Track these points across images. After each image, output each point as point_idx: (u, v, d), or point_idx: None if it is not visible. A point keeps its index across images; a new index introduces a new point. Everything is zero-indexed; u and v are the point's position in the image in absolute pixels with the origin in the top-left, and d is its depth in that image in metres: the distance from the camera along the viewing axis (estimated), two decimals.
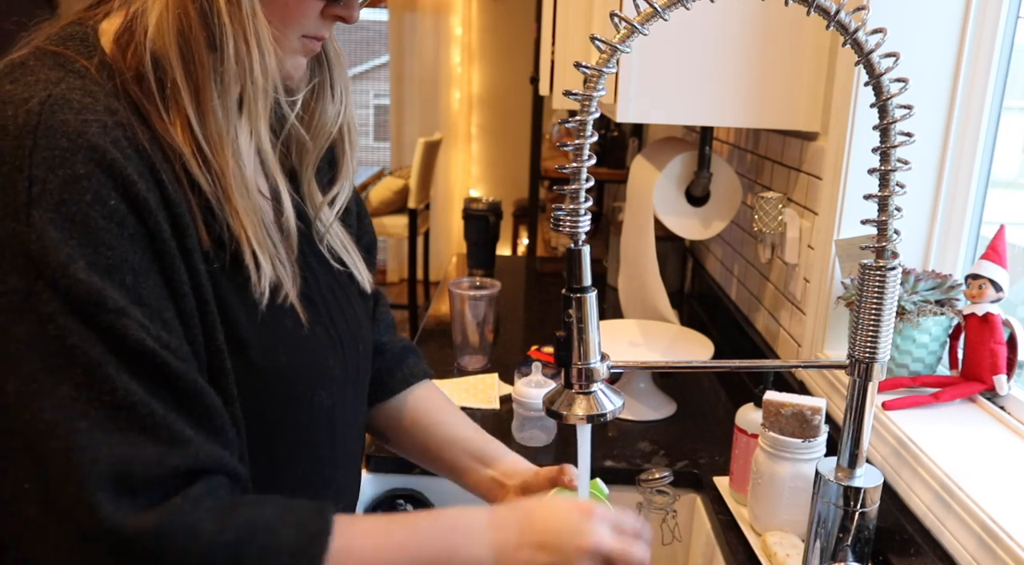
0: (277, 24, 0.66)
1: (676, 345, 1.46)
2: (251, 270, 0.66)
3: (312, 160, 0.79)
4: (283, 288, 0.69)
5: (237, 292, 0.66)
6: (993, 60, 1.04)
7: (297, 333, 0.70)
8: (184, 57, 0.62)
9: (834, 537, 0.80)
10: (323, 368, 0.73)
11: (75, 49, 0.63)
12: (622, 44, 0.63)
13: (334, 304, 0.78)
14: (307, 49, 0.70)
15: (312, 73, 0.77)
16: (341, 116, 0.79)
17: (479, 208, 2.18)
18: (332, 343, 0.75)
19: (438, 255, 5.35)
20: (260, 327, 0.67)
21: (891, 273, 0.72)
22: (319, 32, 0.70)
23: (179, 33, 0.62)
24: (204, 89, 0.63)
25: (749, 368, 0.86)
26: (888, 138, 0.68)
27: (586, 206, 0.66)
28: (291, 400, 0.71)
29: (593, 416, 0.72)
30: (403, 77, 5.28)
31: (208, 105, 0.63)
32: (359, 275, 0.83)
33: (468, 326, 1.58)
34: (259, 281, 0.67)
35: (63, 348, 0.54)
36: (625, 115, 1.25)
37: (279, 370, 0.69)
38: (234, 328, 0.66)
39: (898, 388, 1.04)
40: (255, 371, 0.67)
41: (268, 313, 0.68)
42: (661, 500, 1.03)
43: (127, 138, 0.59)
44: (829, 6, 0.64)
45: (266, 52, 0.64)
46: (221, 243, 0.65)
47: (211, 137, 0.64)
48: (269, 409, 0.69)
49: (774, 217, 1.34)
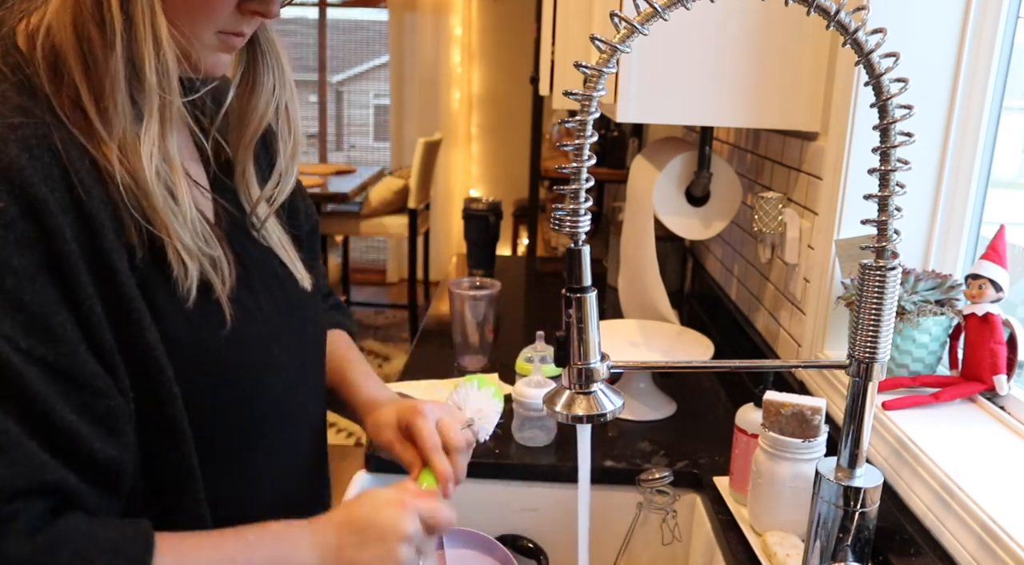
0: (186, 20, 0.64)
1: (676, 345, 1.46)
2: (176, 266, 0.66)
3: (241, 152, 0.78)
4: (213, 286, 0.69)
5: (166, 290, 0.66)
6: (993, 60, 1.04)
7: (233, 326, 0.70)
8: (81, 53, 0.61)
9: (834, 537, 0.80)
10: (268, 356, 0.73)
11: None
12: (622, 44, 0.63)
13: (278, 289, 0.77)
14: (226, 45, 0.69)
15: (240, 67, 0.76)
16: (270, 108, 0.77)
17: (479, 208, 2.18)
18: (275, 330, 0.75)
19: (438, 255, 5.35)
20: (192, 323, 0.67)
21: (891, 273, 0.72)
22: (237, 28, 0.68)
23: (74, 29, 0.61)
24: (102, 89, 0.62)
25: (749, 368, 0.86)
26: (888, 138, 0.68)
27: (586, 206, 0.66)
28: (241, 391, 0.71)
29: (593, 416, 0.72)
30: (403, 77, 5.28)
31: (108, 103, 0.62)
32: (295, 271, 0.82)
33: (468, 326, 1.58)
34: (184, 278, 0.66)
35: None
36: (625, 115, 1.25)
37: (221, 363, 0.68)
38: (167, 325, 0.65)
39: (898, 388, 1.04)
40: (195, 366, 0.66)
41: (199, 310, 0.67)
42: (661, 500, 1.03)
43: (38, 138, 0.58)
44: (829, 6, 0.64)
45: (162, 51, 0.62)
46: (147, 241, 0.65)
47: (115, 136, 0.63)
48: (219, 401, 0.69)
49: (774, 217, 1.34)
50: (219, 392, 0.69)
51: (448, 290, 1.62)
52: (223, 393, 0.70)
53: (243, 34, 0.69)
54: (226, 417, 0.71)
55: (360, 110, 7.74)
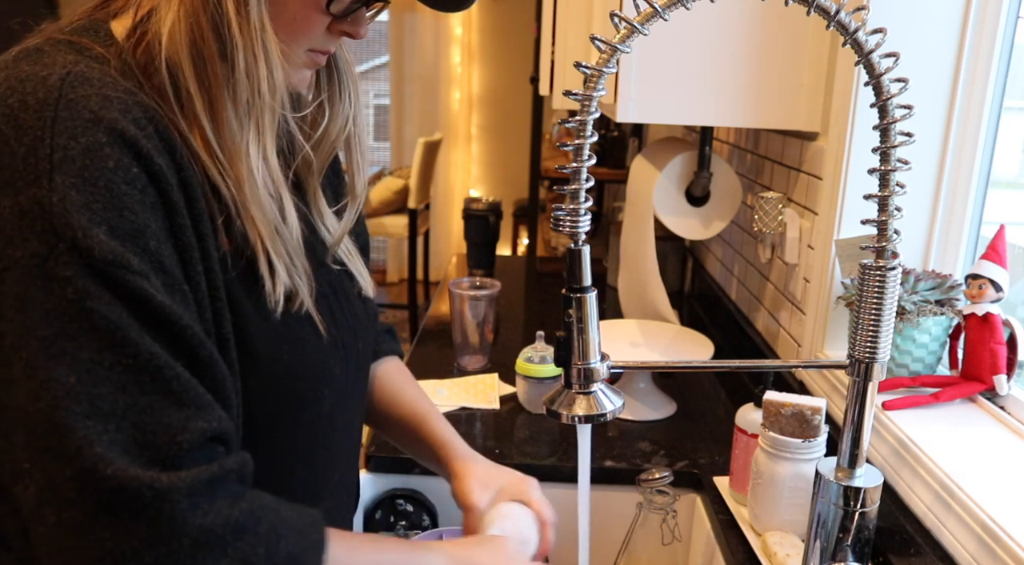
0: (284, 38, 0.66)
1: (676, 345, 1.46)
2: (266, 278, 0.66)
3: (317, 171, 0.79)
4: (298, 297, 0.69)
5: (250, 296, 0.66)
6: (993, 60, 1.04)
7: (307, 337, 0.71)
8: (196, 67, 0.62)
9: (834, 537, 0.80)
10: (325, 368, 0.74)
11: (90, 38, 0.63)
12: (622, 44, 0.63)
13: (337, 307, 0.78)
14: (312, 62, 0.70)
15: (320, 84, 0.77)
16: (348, 127, 0.79)
17: (479, 208, 2.18)
18: (334, 344, 0.75)
19: (438, 255, 5.35)
20: (271, 329, 0.68)
21: (891, 273, 0.72)
22: (325, 46, 0.70)
23: (191, 43, 0.62)
24: (218, 100, 0.63)
25: (749, 368, 0.86)
26: (888, 138, 0.68)
27: (586, 206, 0.66)
28: (295, 398, 0.71)
29: (593, 416, 0.72)
30: (403, 77, 5.28)
31: (222, 115, 0.63)
32: (362, 280, 0.83)
33: (468, 326, 1.58)
34: (274, 289, 0.67)
35: (82, 311, 0.53)
36: (625, 115, 1.25)
37: (284, 369, 0.69)
38: (243, 325, 0.66)
39: (898, 388, 1.04)
40: (261, 367, 0.67)
41: (282, 319, 0.68)
42: (661, 500, 1.03)
43: (147, 118, 0.59)
44: (829, 6, 0.64)
45: (274, 67, 0.64)
46: (237, 247, 0.66)
47: (226, 147, 0.64)
48: (272, 406, 0.69)
49: (774, 217, 1.34)
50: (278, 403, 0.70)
51: (448, 290, 1.62)
52: (280, 405, 0.70)
53: (329, 52, 0.71)
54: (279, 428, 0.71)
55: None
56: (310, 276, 0.72)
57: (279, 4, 0.64)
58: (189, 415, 0.56)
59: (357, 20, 0.70)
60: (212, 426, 0.57)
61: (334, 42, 0.71)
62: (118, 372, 0.53)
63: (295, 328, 0.70)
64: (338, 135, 0.79)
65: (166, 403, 0.55)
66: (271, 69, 0.64)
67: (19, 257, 0.53)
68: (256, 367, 0.67)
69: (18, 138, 0.54)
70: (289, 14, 0.65)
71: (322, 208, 0.80)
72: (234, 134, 0.64)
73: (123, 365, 0.54)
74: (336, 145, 0.79)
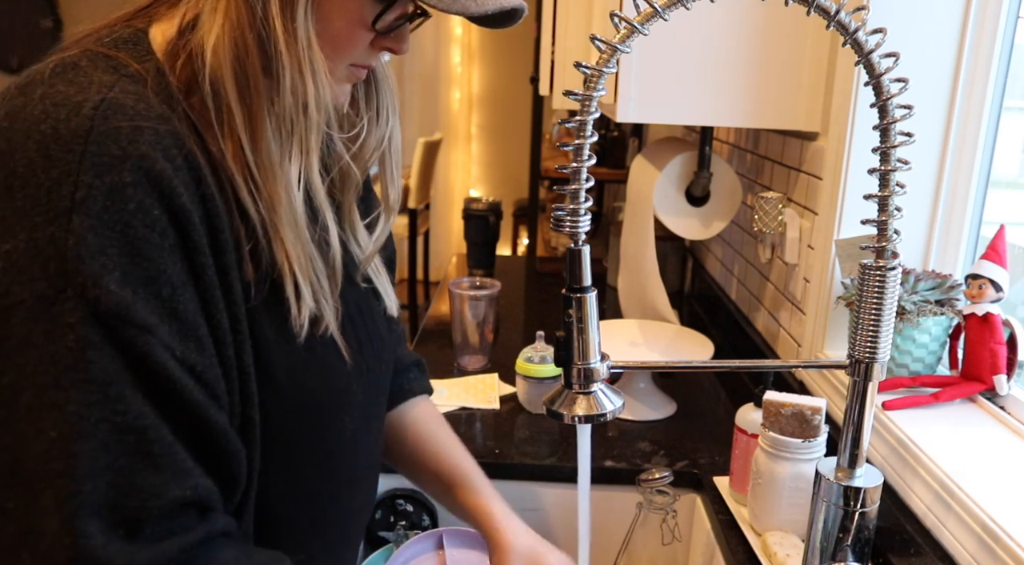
0: (328, 54, 0.64)
1: (676, 345, 1.46)
2: (291, 302, 0.65)
3: (354, 187, 0.78)
4: (323, 321, 0.68)
5: (273, 321, 0.66)
6: (993, 60, 1.04)
7: (331, 362, 0.70)
8: (239, 83, 0.61)
9: (834, 537, 0.80)
10: (348, 393, 0.73)
11: (128, 52, 0.62)
12: (622, 44, 0.63)
13: (362, 328, 0.77)
14: (353, 77, 0.69)
15: (357, 98, 0.76)
16: (384, 141, 0.78)
17: (479, 208, 2.18)
18: (358, 368, 0.74)
19: (438, 255, 5.35)
20: (294, 355, 0.67)
21: (891, 273, 0.72)
22: (367, 61, 0.69)
23: (235, 58, 0.61)
24: (258, 117, 0.62)
25: (749, 368, 0.86)
26: (888, 138, 0.68)
27: (586, 206, 0.66)
28: (317, 424, 0.70)
29: (593, 416, 0.72)
30: (403, 77, 5.28)
31: (261, 133, 0.62)
32: (387, 299, 0.82)
33: (468, 326, 1.58)
34: (299, 314, 0.66)
35: (80, 361, 0.53)
36: (625, 115, 1.25)
37: (307, 395, 0.68)
38: (266, 352, 0.65)
39: (898, 388, 1.04)
40: (283, 395, 0.66)
41: (306, 344, 0.67)
42: (661, 500, 1.03)
43: (177, 147, 0.58)
44: (829, 6, 0.64)
45: (321, 85, 0.63)
46: (262, 273, 0.65)
47: (263, 166, 0.63)
48: (294, 432, 0.69)
49: (774, 217, 1.34)
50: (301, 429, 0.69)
51: (448, 290, 1.62)
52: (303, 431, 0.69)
53: (370, 66, 0.70)
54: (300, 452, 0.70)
55: None
56: (337, 299, 0.71)
57: (325, 20, 0.63)
58: (165, 480, 0.55)
59: (400, 36, 0.68)
60: (187, 494, 0.57)
61: (375, 57, 0.69)
62: (103, 429, 0.53)
63: (319, 353, 0.69)
64: (376, 149, 0.77)
65: (144, 466, 0.55)
66: (318, 86, 0.63)
67: (27, 297, 0.53)
68: (278, 393, 0.66)
69: (46, 170, 0.54)
70: (334, 30, 0.64)
71: (355, 223, 0.79)
72: (272, 153, 0.63)
73: (109, 422, 0.53)
74: (374, 159, 0.78)
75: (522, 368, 1.39)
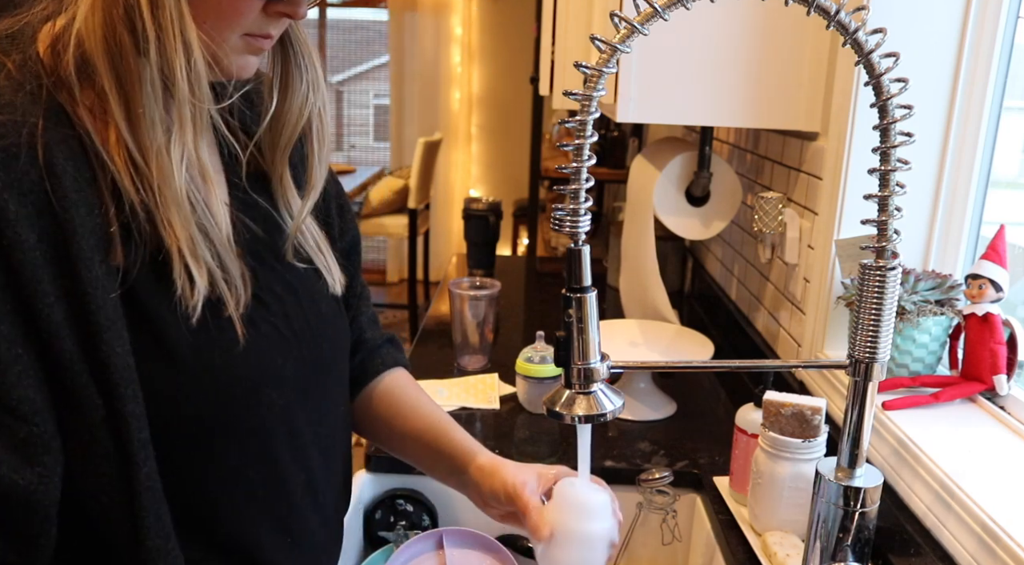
0: (212, 24, 0.62)
1: (676, 345, 1.46)
2: (181, 283, 0.64)
3: (279, 159, 0.77)
4: (224, 304, 0.67)
5: (165, 304, 0.64)
6: (993, 60, 1.04)
7: (236, 340, 0.68)
8: (112, 62, 0.60)
9: (834, 537, 0.80)
10: (269, 368, 0.71)
11: (5, 44, 0.61)
12: (622, 44, 0.63)
13: (292, 302, 0.75)
14: (253, 48, 0.67)
15: (272, 69, 0.74)
16: (305, 111, 0.76)
17: (479, 208, 2.18)
18: (285, 343, 0.73)
19: (438, 255, 5.35)
20: (191, 336, 0.65)
21: (891, 273, 0.72)
22: (264, 30, 0.66)
23: (105, 37, 0.60)
24: (133, 96, 0.60)
25: (749, 368, 0.86)
26: (888, 138, 0.68)
27: (586, 206, 0.66)
28: (234, 402, 0.69)
29: (593, 416, 0.72)
30: (403, 77, 5.28)
31: (137, 113, 0.61)
32: (328, 277, 0.80)
33: (468, 326, 1.58)
34: (191, 294, 0.64)
35: None
36: (625, 115, 1.25)
37: (215, 374, 0.67)
38: (160, 337, 0.64)
39: (898, 388, 1.04)
40: (187, 377, 0.65)
41: (202, 324, 0.65)
42: (661, 500, 1.03)
43: (16, 136, 0.57)
44: (829, 6, 0.64)
45: (193, 58, 0.61)
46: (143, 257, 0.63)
47: (142, 146, 0.61)
48: (209, 413, 0.67)
49: (774, 217, 1.34)
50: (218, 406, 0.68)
51: (448, 290, 1.62)
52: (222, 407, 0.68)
53: (270, 36, 0.68)
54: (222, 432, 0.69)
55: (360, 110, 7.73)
56: (246, 276, 0.69)
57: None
58: None
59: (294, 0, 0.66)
60: None
61: (274, 25, 0.67)
62: None
63: (225, 330, 0.67)
64: (297, 120, 0.75)
65: None
66: (190, 60, 0.60)
67: None
68: (184, 372, 0.64)
69: None
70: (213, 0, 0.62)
71: (290, 198, 0.78)
72: (152, 132, 0.61)
73: None
74: (296, 129, 0.76)
75: (522, 368, 1.39)
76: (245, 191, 0.76)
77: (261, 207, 0.76)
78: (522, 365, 1.39)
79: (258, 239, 0.75)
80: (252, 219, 0.75)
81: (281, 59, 0.74)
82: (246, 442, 0.71)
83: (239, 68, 0.68)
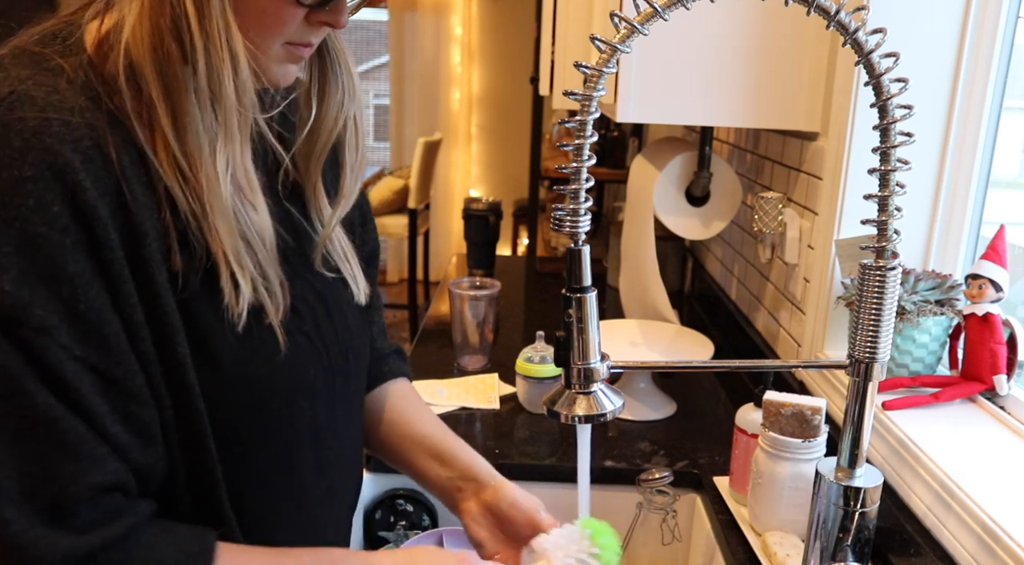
0: (256, 33, 0.63)
1: (676, 345, 1.46)
2: (228, 291, 0.64)
3: (314, 167, 0.77)
4: (267, 309, 0.68)
5: (212, 310, 0.65)
6: (993, 60, 1.04)
7: (276, 349, 0.69)
8: (160, 71, 0.60)
9: (834, 537, 0.80)
10: (303, 379, 0.72)
11: (55, 48, 0.61)
12: (622, 44, 0.63)
13: (322, 313, 0.76)
14: (293, 56, 0.67)
15: (310, 77, 0.74)
16: (340, 117, 0.76)
17: (479, 208, 2.19)
18: (316, 353, 0.73)
19: (438, 255, 5.35)
20: (236, 343, 0.66)
21: (891, 273, 0.72)
22: (305, 39, 0.67)
23: (153, 46, 0.60)
24: (180, 105, 0.61)
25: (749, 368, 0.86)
26: (888, 138, 0.68)
27: (586, 206, 0.66)
28: (269, 411, 0.70)
29: (593, 416, 0.72)
30: (403, 77, 5.28)
31: (184, 121, 0.61)
32: (354, 286, 0.81)
33: (468, 326, 1.58)
34: (236, 302, 0.65)
35: None
36: (625, 115, 1.25)
37: (255, 382, 0.67)
38: (206, 342, 0.64)
39: (898, 388, 1.04)
40: (227, 383, 0.66)
41: (245, 332, 0.66)
42: (661, 500, 1.03)
43: (91, 139, 0.58)
44: (829, 6, 0.64)
45: (240, 67, 0.61)
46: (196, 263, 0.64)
47: (189, 154, 0.62)
48: (244, 420, 0.68)
49: (774, 217, 1.34)
50: (253, 414, 0.69)
51: (448, 290, 1.62)
52: (257, 415, 0.69)
53: (311, 44, 0.68)
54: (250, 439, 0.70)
55: None
56: (284, 285, 0.70)
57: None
58: (83, 468, 0.56)
59: (336, 9, 0.66)
60: (108, 478, 0.57)
61: (315, 33, 0.67)
62: (12, 421, 0.54)
63: (266, 341, 0.68)
64: (332, 128, 0.76)
65: (60, 455, 0.55)
66: (236, 69, 0.61)
67: None
68: (225, 381, 0.65)
69: None
70: (258, 8, 0.62)
71: (321, 206, 0.78)
72: (197, 142, 0.62)
73: (16, 416, 0.54)
74: (331, 136, 0.76)
75: (522, 368, 1.39)
76: (279, 199, 0.76)
77: (294, 216, 0.76)
78: (522, 365, 1.39)
79: (289, 247, 0.75)
80: (284, 228, 0.75)
81: (319, 67, 0.74)
82: (274, 450, 0.72)
83: (280, 76, 0.68)
